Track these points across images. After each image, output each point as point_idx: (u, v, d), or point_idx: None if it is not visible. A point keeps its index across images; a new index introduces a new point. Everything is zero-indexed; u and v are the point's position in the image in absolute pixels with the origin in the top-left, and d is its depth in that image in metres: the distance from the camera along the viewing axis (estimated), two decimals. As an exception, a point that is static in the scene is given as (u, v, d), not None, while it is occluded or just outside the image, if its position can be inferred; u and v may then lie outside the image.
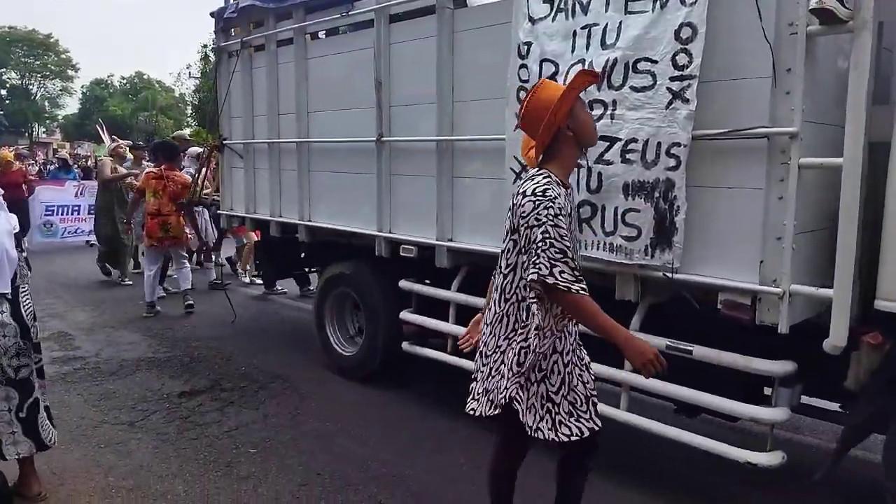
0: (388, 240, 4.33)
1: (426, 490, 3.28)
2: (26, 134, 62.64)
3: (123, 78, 63.92)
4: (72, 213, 11.51)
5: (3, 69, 60.69)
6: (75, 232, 11.58)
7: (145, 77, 62.16)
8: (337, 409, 4.29)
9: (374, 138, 4.23)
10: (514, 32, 3.37)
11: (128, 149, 10.14)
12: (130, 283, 8.50)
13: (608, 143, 2.94)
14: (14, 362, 2.88)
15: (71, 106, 66.14)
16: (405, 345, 4.42)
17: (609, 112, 2.95)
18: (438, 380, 4.90)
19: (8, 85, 62.54)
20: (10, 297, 2.89)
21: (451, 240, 3.96)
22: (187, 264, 7.37)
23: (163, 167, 6.91)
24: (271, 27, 5.08)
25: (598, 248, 3.09)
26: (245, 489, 3.25)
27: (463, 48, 3.78)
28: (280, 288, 7.82)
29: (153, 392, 4.55)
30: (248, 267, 8.69)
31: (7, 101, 61.78)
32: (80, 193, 11.51)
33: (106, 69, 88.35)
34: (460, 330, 3.52)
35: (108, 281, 8.72)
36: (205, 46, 42.45)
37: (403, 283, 4.40)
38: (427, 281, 4.41)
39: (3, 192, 3.12)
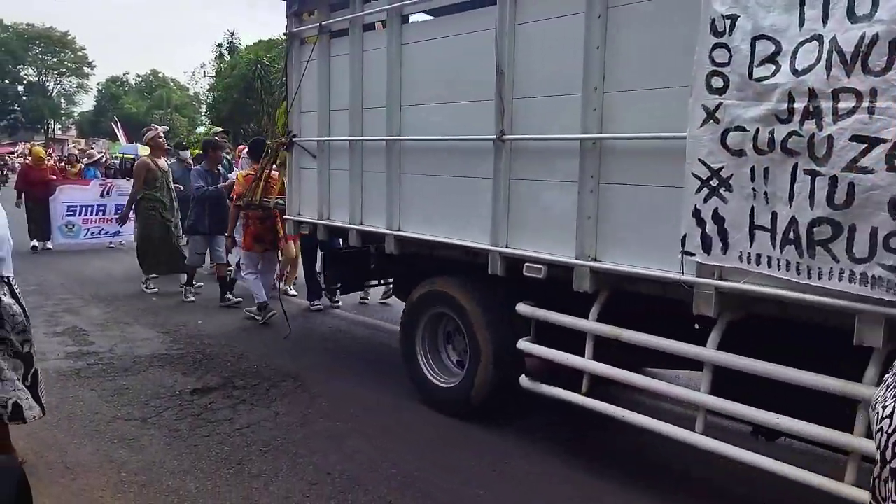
0: (506, 256, 3.67)
1: (437, 491, 3.27)
2: (42, 130, 63.37)
3: (139, 76, 64.69)
4: (96, 214, 10.96)
5: (21, 66, 61.43)
6: (99, 233, 11.04)
7: (160, 75, 62.86)
8: (348, 409, 4.29)
9: (493, 136, 3.60)
10: (707, 2, 2.67)
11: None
12: (155, 291, 7.88)
13: (865, 146, 2.28)
14: (20, 338, 3.11)
15: (86, 103, 66.95)
16: (524, 380, 3.76)
17: (866, 105, 2.27)
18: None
19: (25, 81, 63.31)
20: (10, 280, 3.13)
21: (594, 259, 3.27)
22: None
23: (256, 167, 6.30)
24: (357, 9, 4.50)
25: (839, 279, 2.39)
26: (256, 487, 3.26)
27: (620, 25, 3.09)
28: (337, 300, 7.18)
29: (166, 388, 4.57)
30: (293, 282, 7.95)
31: (24, 98, 62.52)
32: (107, 192, 10.98)
33: (121, 67, 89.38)
34: (601, 367, 3.34)
35: (125, 278, 8.74)
36: (219, 45, 42.95)
37: (524, 309, 3.74)
38: (547, 304, 3.70)
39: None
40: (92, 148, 29.12)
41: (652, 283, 3.09)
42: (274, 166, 5.93)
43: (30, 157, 11.52)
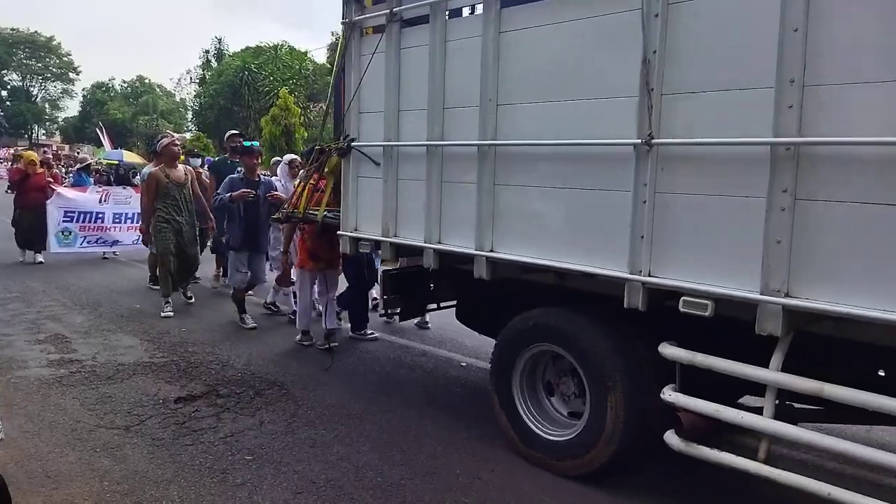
0: (651, 287, 2.98)
1: (421, 500, 3.28)
2: (26, 135, 62.82)
3: (124, 81, 64.28)
4: (95, 221, 10.36)
5: (5, 70, 61.00)
6: (96, 242, 10.45)
7: (146, 81, 62.50)
8: (333, 417, 4.29)
9: (636, 140, 2.93)
10: None
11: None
12: (191, 299, 7.58)
13: None
14: None
15: (71, 108, 66.47)
16: (674, 440, 3.09)
17: None
18: (436, 389, 4.90)
19: (9, 86, 62.85)
20: None
21: (787, 294, 2.60)
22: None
23: (316, 177, 5.60)
24: None
25: None
26: (240, 496, 3.24)
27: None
28: (370, 333, 6.33)
29: (149, 397, 4.54)
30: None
31: (8, 103, 62.05)
32: (104, 200, 10.44)
33: (107, 72, 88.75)
34: (784, 427, 2.76)
35: (108, 285, 8.69)
36: (206, 52, 42.97)
37: (672, 351, 3.08)
38: (693, 344, 3.09)
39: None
40: (78, 152, 28.88)
41: (881, 328, 2.48)
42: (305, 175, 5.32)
43: (20, 163, 10.92)
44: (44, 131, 67.80)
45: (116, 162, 17.80)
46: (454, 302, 5.14)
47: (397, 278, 5.08)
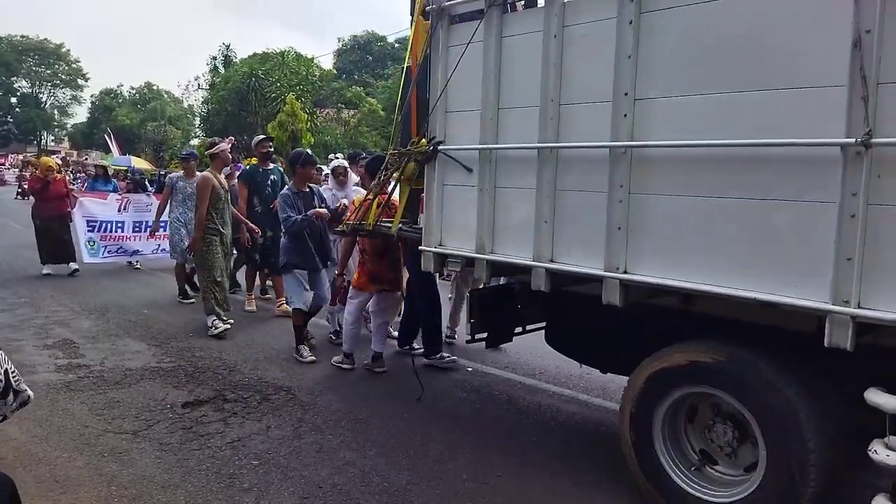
0: (862, 321, 2.40)
1: (428, 505, 3.28)
2: (35, 142, 63.34)
3: (133, 88, 64.69)
4: (115, 230, 10.01)
5: (15, 77, 61.54)
6: (117, 251, 10.10)
7: (154, 87, 62.85)
8: (340, 422, 4.29)
9: (849, 140, 2.36)
10: None
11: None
12: (230, 322, 6.65)
13: None
14: None
15: (80, 115, 67.00)
16: None
17: None
18: (442, 394, 4.90)
19: (19, 93, 63.39)
20: None
21: None
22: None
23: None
24: None
25: None
26: (247, 501, 3.25)
27: None
28: (447, 356, 5.66)
29: (157, 402, 4.56)
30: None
31: (17, 109, 62.56)
32: (124, 208, 10.09)
33: (115, 79, 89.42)
34: None
35: (115, 290, 8.72)
36: (214, 58, 43.18)
37: (885, 400, 2.49)
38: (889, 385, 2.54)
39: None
40: (86, 158, 29.09)
41: None
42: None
43: (38, 170, 10.42)
44: (53, 137, 68.34)
45: (126, 168, 17.88)
46: (541, 324, 4.59)
47: (486, 298, 4.55)
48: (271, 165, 7.69)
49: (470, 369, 5.55)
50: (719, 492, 3.06)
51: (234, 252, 7.69)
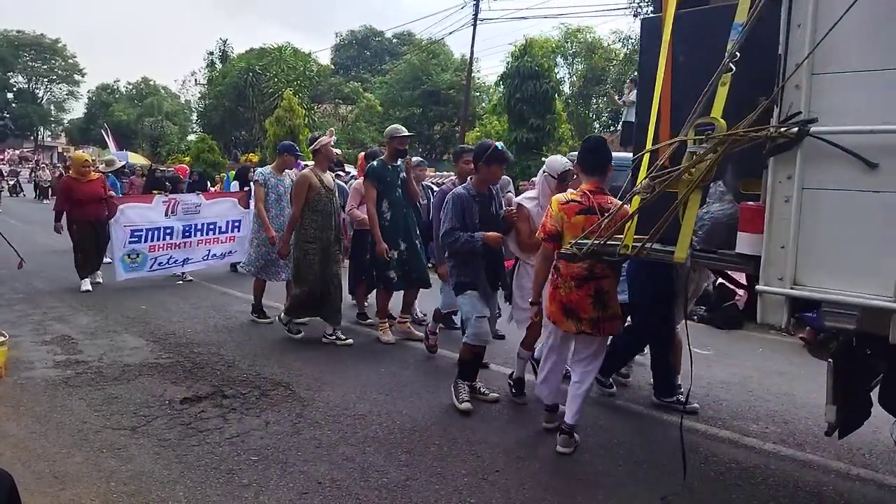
0: None
1: (427, 500, 3.27)
2: (31, 137, 63.19)
3: (129, 83, 64.55)
4: (163, 238, 8.76)
5: (11, 73, 61.38)
6: (168, 262, 8.88)
7: (151, 83, 62.73)
8: (338, 417, 4.29)
9: None
10: None
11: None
12: (350, 341, 6.10)
13: None
14: None
15: (76, 110, 66.87)
16: None
17: None
18: (445, 390, 4.90)
19: (15, 88, 63.25)
20: None
21: None
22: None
23: (587, 189, 3.82)
24: None
25: None
26: (246, 496, 3.25)
27: None
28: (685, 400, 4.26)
29: (155, 397, 4.55)
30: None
31: (14, 105, 62.45)
32: (172, 211, 8.88)
33: (112, 74, 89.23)
34: None
35: (113, 286, 8.65)
36: (211, 54, 43.02)
37: None
38: None
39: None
40: (88, 153, 29.00)
41: None
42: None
43: (70, 169, 9.02)
44: (49, 133, 68.19)
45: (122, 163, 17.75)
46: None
47: (848, 357, 3.07)
48: (399, 161, 6.21)
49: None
50: None
51: (344, 260, 6.83)
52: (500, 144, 4.67)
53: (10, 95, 62.55)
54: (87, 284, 8.31)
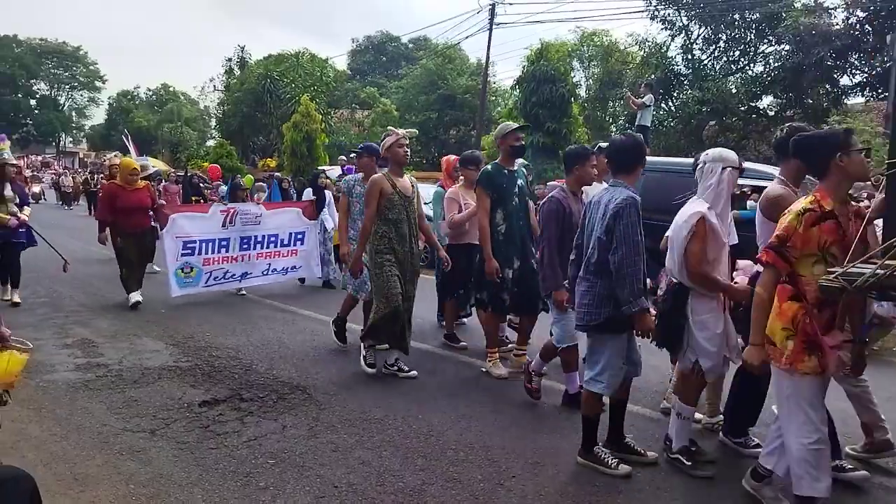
0: None
1: (443, 505, 3.27)
2: (54, 143, 64.28)
3: (149, 90, 65.47)
4: (218, 251, 8.07)
5: (34, 80, 62.52)
6: (224, 277, 8.16)
7: (171, 89, 63.52)
8: (355, 422, 4.29)
9: None
10: None
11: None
12: (414, 373, 5.30)
13: None
14: None
15: (97, 116, 67.97)
16: None
17: None
18: (461, 395, 4.89)
19: (38, 95, 64.39)
20: None
21: None
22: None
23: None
24: None
25: None
26: (263, 499, 3.26)
27: None
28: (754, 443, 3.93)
29: (174, 400, 4.59)
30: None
31: (36, 112, 63.54)
32: (230, 222, 8.15)
33: (132, 81, 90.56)
34: None
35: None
36: (229, 60, 43.44)
37: None
38: None
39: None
40: (105, 160, 29.36)
41: None
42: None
43: (115, 176, 8.25)
44: (71, 139, 69.35)
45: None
46: None
47: None
48: (517, 164, 5.38)
49: (484, 370, 5.53)
50: None
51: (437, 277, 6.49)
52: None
53: (32, 102, 63.76)
54: (137, 296, 7.59)
